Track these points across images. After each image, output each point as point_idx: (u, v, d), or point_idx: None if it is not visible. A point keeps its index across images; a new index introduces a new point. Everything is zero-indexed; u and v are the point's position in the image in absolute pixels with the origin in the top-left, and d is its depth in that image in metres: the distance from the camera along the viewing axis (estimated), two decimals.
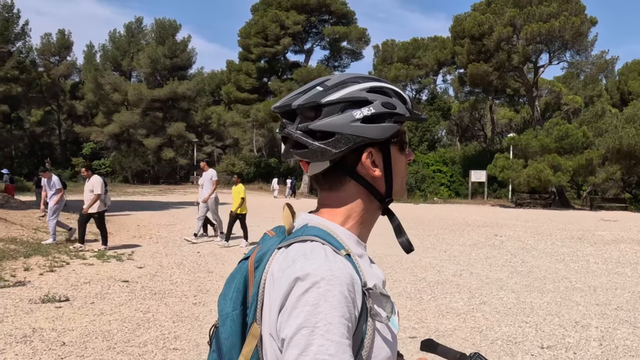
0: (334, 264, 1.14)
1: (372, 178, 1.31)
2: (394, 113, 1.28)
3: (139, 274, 10.68)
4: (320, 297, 1.09)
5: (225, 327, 1.29)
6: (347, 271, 1.15)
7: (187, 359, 5.94)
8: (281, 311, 1.14)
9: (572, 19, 38.79)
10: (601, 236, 18.64)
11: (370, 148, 1.29)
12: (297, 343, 1.07)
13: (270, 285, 1.21)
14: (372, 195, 1.33)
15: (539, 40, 40.22)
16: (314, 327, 1.07)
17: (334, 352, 1.05)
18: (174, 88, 57.20)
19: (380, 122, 1.27)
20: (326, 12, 49.49)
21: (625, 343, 6.83)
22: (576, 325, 7.61)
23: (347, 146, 1.26)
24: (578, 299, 9.24)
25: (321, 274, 1.11)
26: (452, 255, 13.80)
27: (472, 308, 8.53)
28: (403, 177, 1.38)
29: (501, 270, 11.85)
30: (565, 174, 35.08)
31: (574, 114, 49.72)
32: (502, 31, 39.30)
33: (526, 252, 14.58)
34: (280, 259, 1.22)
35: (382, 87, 1.32)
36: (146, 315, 7.69)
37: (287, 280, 1.13)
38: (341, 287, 1.11)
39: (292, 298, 1.11)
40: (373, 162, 1.30)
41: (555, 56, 42.97)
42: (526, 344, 6.74)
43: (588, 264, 12.96)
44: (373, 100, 1.27)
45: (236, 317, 1.27)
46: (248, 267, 1.31)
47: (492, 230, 20.02)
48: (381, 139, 1.28)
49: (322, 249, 1.18)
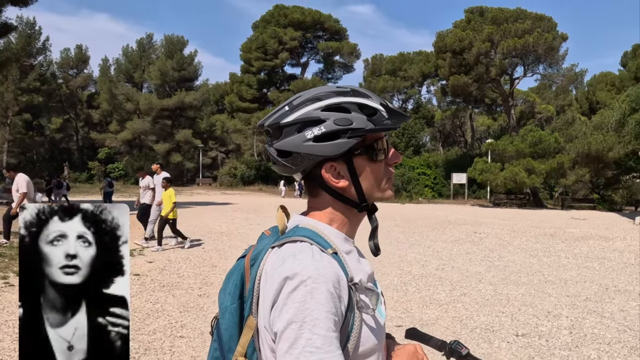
0: (320, 263, 1.16)
1: (341, 188, 1.31)
2: (349, 129, 1.25)
3: (148, 268, 10.65)
4: (307, 295, 1.11)
5: (224, 319, 1.31)
6: (332, 269, 1.17)
7: (192, 346, 5.91)
8: (273, 307, 1.15)
9: (545, 35, 38.93)
10: (571, 233, 18.66)
11: (331, 162, 1.29)
12: (288, 337, 1.09)
13: (264, 282, 1.22)
14: (345, 203, 1.33)
15: (514, 55, 40.32)
16: (302, 322, 1.09)
17: (321, 345, 1.07)
18: (181, 98, 57.22)
19: (334, 139, 1.25)
20: (320, 29, 49.68)
21: (593, 331, 6.82)
22: (548, 315, 7.60)
23: (303, 163, 1.29)
24: (550, 291, 9.24)
25: (308, 273, 1.13)
26: (435, 250, 13.79)
27: (453, 299, 8.52)
28: (376, 182, 1.35)
29: (480, 265, 11.85)
30: (539, 176, 35.15)
31: (546, 121, 49.91)
32: (481, 46, 39.40)
33: (503, 248, 14.58)
34: (273, 257, 1.23)
35: (341, 103, 1.29)
36: (155, 305, 7.69)
37: (278, 279, 1.15)
38: (327, 285, 1.13)
39: (283, 295, 1.13)
40: (338, 174, 1.30)
41: (529, 69, 43.08)
42: (502, 332, 6.72)
43: (559, 258, 12.97)
44: (326, 119, 1.26)
45: (234, 310, 1.30)
46: (245, 265, 1.33)
47: (471, 228, 20.02)
48: (335, 155, 1.26)
49: (310, 249, 1.19)
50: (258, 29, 49.68)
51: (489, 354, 5.91)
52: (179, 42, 59.90)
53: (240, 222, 20.40)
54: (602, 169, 36.36)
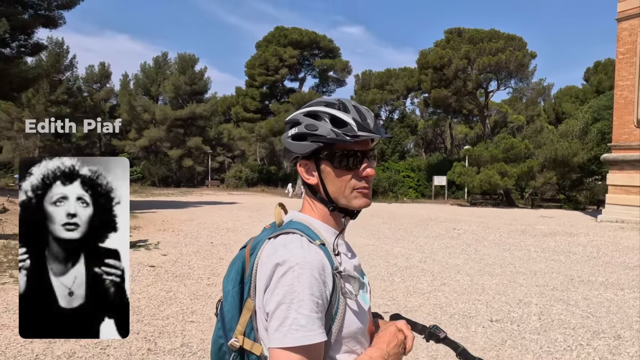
0: (307, 252, 1.20)
1: (313, 185, 1.36)
2: (313, 134, 1.31)
3: (163, 260, 10.64)
4: (294, 279, 1.16)
5: (227, 302, 1.35)
6: (318, 258, 1.21)
7: (201, 330, 5.93)
8: (266, 290, 1.20)
9: (516, 53, 39.00)
10: (540, 230, 18.67)
11: (305, 160, 1.36)
12: (277, 316, 1.15)
13: (260, 269, 1.25)
14: (319, 199, 1.37)
15: (488, 70, 40.36)
16: (290, 303, 1.14)
17: (305, 324, 1.13)
18: (192, 109, 57.33)
19: (302, 140, 1.33)
20: (316, 48, 49.66)
21: (560, 317, 6.80)
22: (519, 303, 7.58)
23: (286, 155, 1.40)
24: (521, 281, 9.22)
25: (296, 260, 1.18)
26: (418, 245, 13.76)
27: (434, 288, 8.49)
28: (344, 188, 1.34)
29: (458, 258, 11.83)
30: (511, 178, 35.21)
31: (517, 130, 49.94)
32: (459, 63, 39.45)
33: (478, 243, 14.57)
34: (268, 247, 1.27)
35: (318, 111, 1.34)
36: (168, 294, 7.73)
37: (270, 265, 1.20)
38: (312, 271, 1.17)
39: (274, 280, 1.18)
40: (309, 171, 1.36)
41: (502, 83, 43.12)
42: (478, 318, 6.69)
43: (529, 252, 12.96)
44: (302, 122, 1.34)
45: (235, 294, 1.34)
46: (245, 254, 1.38)
47: (451, 224, 20.02)
48: (301, 154, 1.34)
49: (299, 240, 1.24)
50: (261, 47, 49.70)
51: (466, 338, 5.88)
52: (190, 59, 59.97)
53: (245, 219, 20.37)
54: (568, 172, 36.46)
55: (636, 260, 11.99)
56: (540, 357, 5.29)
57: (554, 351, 5.48)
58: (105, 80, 63.86)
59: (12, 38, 21.08)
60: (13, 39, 21.30)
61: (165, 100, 61.74)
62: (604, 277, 9.78)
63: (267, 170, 58.08)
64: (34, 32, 21.85)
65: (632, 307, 7.42)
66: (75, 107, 54.01)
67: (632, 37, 22.38)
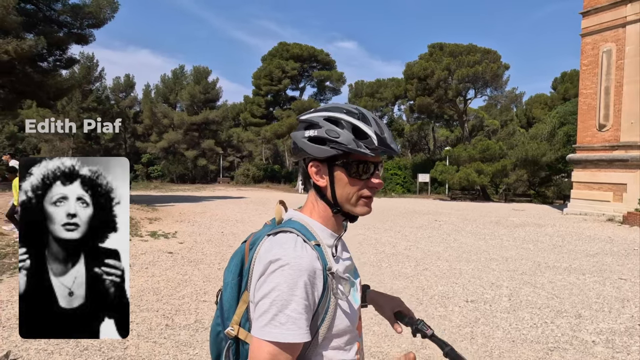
0: (300, 253, 1.13)
1: (321, 187, 1.27)
2: (334, 141, 1.21)
3: (180, 247, 10.66)
4: (282, 278, 1.10)
5: (226, 292, 1.29)
6: (309, 260, 1.14)
7: (213, 309, 5.91)
8: (257, 284, 1.15)
9: (491, 65, 38.98)
10: (512, 221, 18.68)
11: (317, 162, 1.26)
12: (260, 308, 1.11)
13: (256, 264, 1.19)
14: (324, 201, 1.29)
15: (467, 80, 40.33)
16: (274, 299, 1.09)
17: (285, 322, 1.08)
18: (206, 115, 57.35)
19: (321, 144, 1.23)
20: (315, 61, 49.59)
21: (528, 298, 6.81)
22: (492, 285, 7.58)
23: (298, 154, 1.29)
24: (494, 267, 9.23)
25: (287, 260, 1.11)
26: (404, 234, 13.76)
27: (417, 273, 8.49)
28: (351, 195, 1.26)
29: (439, 246, 11.83)
30: (487, 176, 35.18)
31: (492, 133, 49.88)
32: (441, 74, 39.41)
33: (457, 233, 14.57)
34: (266, 244, 1.21)
35: (340, 119, 1.24)
36: (184, 277, 7.75)
37: (264, 261, 1.14)
38: (301, 272, 1.11)
39: (265, 275, 1.13)
40: (319, 173, 1.26)
41: (479, 91, 43.11)
42: (455, 299, 6.70)
43: (502, 241, 12.97)
44: (322, 126, 1.23)
45: (234, 285, 1.27)
46: (245, 248, 1.31)
47: (433, 217, 20.02)
48: (319, 157, 1.24)
49: (294, 240, 1.17)
50: (266, 61, 49.57)
51: (444, 316, 5.88)
52: (204, 71, 59.90)
53: (252, 212, 20.36)
54: (537, 170, 36.45)
55: (596, 248, 12.00)
56: (509, 333, 5.29)
57: (522, 328, 5.49)
58: (130, 90, 63.82)
59: (49, 53, 21.24)
60: (50, 54, 21.46)
61: (182, 107, 61.72)
62: (568, 263, 9.79)
63: (271, 168, 58.29)
64: (68, 48, 22.00)
65: (591, 290, 7.43)
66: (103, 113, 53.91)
67: (594, 50, 22.37)
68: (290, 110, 47.31)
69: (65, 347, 4.47)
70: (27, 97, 21.54)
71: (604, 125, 21.88)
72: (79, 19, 21.52)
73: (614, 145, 21.37)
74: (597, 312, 6.21)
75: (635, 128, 20.60)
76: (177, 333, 5.04)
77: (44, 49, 19.63)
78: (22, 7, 19.82)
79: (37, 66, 20.92)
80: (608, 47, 21.79)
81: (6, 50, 16.85)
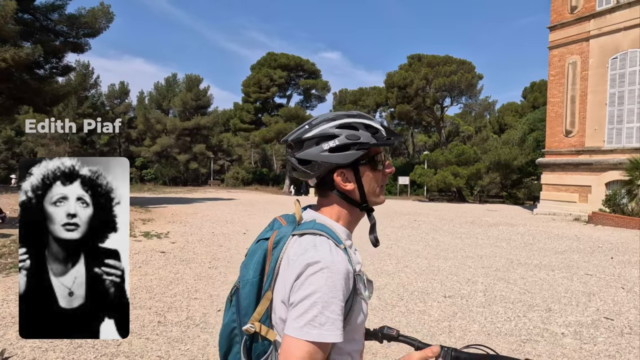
0: (335, 257, 1.11)
1: (348, 190, 1.26)
2: (357, 142, 1.22)
3: (172, 247, 10.52)
4: (323, 280, 1.08)
5: (245, 289, 1.23)
6: (344, 264, 1.12)
7: (203, 306, 5.86)
8: (293, 285, 1.11)
9: (466, 75, 39.32)
10: (486, 221, 18.81)
11: (341, 169, 1.25)
12: (299, 309, 1.07)
13: (286, 265, 1.16)
14: (350, 203, 1.28)
15: (444, 89, 40.63)
16: (315, 301, 1.06)
17: (324, 323, 1.06)
18: (197, 121, 57.01)
19: (345, 151, 1.22)
20: (301, 70, 49.57)
21: (501, 293, 6.83)
22: (468, 282, 7.60)
23: (320, 170, 1.25)
24: (470, 264, 9.25)
25: (326, 263, 1.09)
26: (385, 234, 13.76)
27: (398, 270, 8.48)
28: (376, 188, 1.30)
29: (418, 244, 11.85)
30: (462, 178, 35.43)
31: (467, 138, 50.35)
32: (419, 83, 39.65)
33: (435, 232, 14.62)
34: (295, 245, 1.17)
35: (352, 122, 1.26)
36: (176, 275, 7.63)
37: (301, 264, 1.10)
38: (339, 275, 1.09)
39: (303, 277, 1.09)
40: (346, 179, 1.25)
41: (455, 100, 43.46)
42: (434, 294, 6.69)
43: (477, 240, 13.03)
44: (339, 135, 1.23)
45: (255, 283, 1.22)
46: (268, 246, 1.24)
47: (412, 217, 20.08)
48: (346, 163, 1.23)
49: (327, 243, 1.15)
50: (255, 70, 49.39)
51: (423, 311, 5.87)
52: (196, 79, 59.52)
53: (241, 212, 20.22)
54: (509, 173, 36.82)
55: (564, 246, 12.12)
56: (485, 327, 5.30)
57: (496, 321, 5.50)
58: (125, 97, 63.23)
59: (45, 61, 20.97)
60: (46, 62, 21.19)
61: (174, 113, 61.27)
62: (538, 260, 9.87)
63: (260, 171, 58.22)
64: (64, 56, 21.72)
65: (560, 285, 7.48)
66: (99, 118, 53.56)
67: (561, 62, 22.67)
68: (277, 117, 47.23)
69: (59, 344, 4.37)
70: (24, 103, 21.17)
71: (570, 132, 22.17)
72: (75, 29, 21.27)
73: (580, 150, 21.67)
74: (566, 305, 6.24)
75: (599, 134, 20.92)
76: (169, 329, 4.96)
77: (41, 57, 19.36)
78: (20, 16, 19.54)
79: (34, 73, 20.61)
80: (573, 59, 22.11)
81: (4, 58, 16.57)
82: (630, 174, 17.98)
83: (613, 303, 6.43)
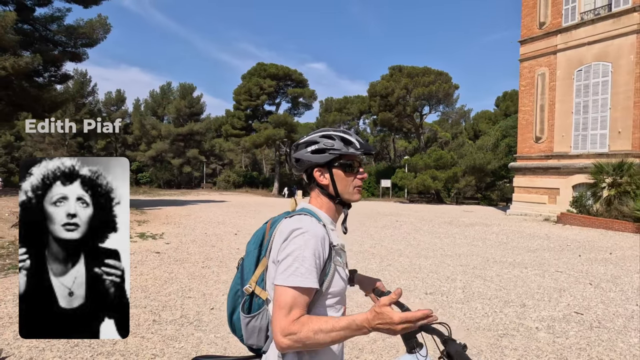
0: (316, 226, 1.36)
1: (324, 185, 1.50)
2: (332, 148, 1.48)
3: (166, 247, 10.35)
4: (303, 240, 1.31)
5: (247, 259, 1.49)
6: (322, 232, 1.36)
7: (197, 304, 5.76)
8: (280, 247, 1.33)
9: (444, 85, 39.58)
10: (463, 221, 18.89)
11: (320, 168, 1.50)
12: (285, 263, 1.29)
13: (278, 236, 1.37)
14: (327, 196, 1.51)
15: (423, 98, 40.86)
16: (296, 256, 1.29)
17: (304, 272, 1.27)
18: (191, 127, 56.68)
19: (322, 153, 1.48)
20: (289, 79, 49.48)
21: (479, 290, 6.82)
22: (448, 279, 7.58)
23: (304, 166, 1.52)
24: (449, 262, 9.25)
25: (307, 228, 1.33)
26: (369, 234, 13.73)
27: (382, 268, 8.44)
28: (349, 187, 1.51)
29: (400, 244, 11.83)
30: (440, 181, 35.64)
31: (445, 144, 50.65)
32: (400, 92, 39.83)
33: (416, 232, 14.63)
34: (285, 221, 1.40)
35: (331, 134, 1.51)
36: (170, 275, 7.50)
37: (287, 230, 1.34)
38: (317, 239, 1.32)
39: (289, 239, 1.32)
40: (322, 176, 1.50)
41: (433, 108, 43.70)
42: (416, 292, 6.66)
43: (455, 239, 13.06)
44: (320, 141, 1.49)
45: (255, 253, 1.47)
46: (267, 226, 1.51)
47: (394, 217, 20.10)
48: (322, 162, 1.49)
49: (309, 219, 1.38)
50: (245, 79, 49.19)
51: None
52: (189, 87, 59.13)
53: (232, 214, 20.07)
54: (483, 176, 37.12)
55: (536, 245, 12.19)
56: (464, 322, 5.27)
57: (475, 317, 5.48)
58: (121, 104, 62.50)
59: (44, 69, 20.70)
60: (45, 70, 20.92)
61: (169, 120, 60.75)
62: (512, 258, 9.90)
63: (250, 175, 57.93)
64: (63, 65, 21.46)
65: (533, 282, 7.50)
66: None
67: (531, 73, 22.92)
68: (267, 123, 47.06)
69: (56, 344, 4.23)
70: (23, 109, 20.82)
71: (539, 138, 22.41)
72: (73, 39, 20.98)
73: (549, 155, 21.90)
74: (539, 301, 6.25)
75: (566, 140, 21.17)
76: (163, 328, 4.84)
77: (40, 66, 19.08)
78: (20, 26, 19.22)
79: (33, 81, 20.30)
80: (542, 70, 22.37)
81: (4, 66, 16.27)
82: (595, 177, 18.24)
83: (582, 298, 6.45)
